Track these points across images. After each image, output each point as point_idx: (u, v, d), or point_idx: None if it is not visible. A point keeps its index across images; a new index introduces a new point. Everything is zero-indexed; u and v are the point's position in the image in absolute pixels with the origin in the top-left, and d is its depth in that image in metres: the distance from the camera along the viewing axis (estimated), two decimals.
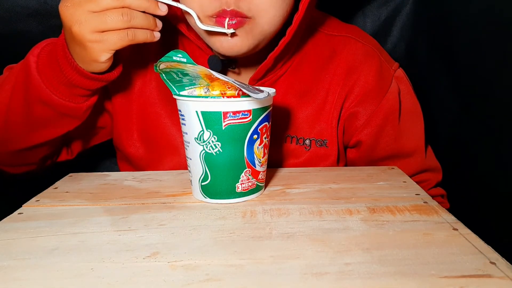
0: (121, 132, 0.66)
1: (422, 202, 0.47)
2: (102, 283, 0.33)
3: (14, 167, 0.65)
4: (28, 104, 0.55)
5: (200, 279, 0.33)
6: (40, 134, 0.59)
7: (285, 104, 0.64)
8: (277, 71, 0.63)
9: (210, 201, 0.49)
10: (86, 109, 0.57)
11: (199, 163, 0.47)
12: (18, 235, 0.41)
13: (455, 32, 0.73)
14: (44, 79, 0.53)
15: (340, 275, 0.33)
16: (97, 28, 0.48)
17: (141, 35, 0.50)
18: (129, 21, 0.48)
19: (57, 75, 0.53)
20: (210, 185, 0.48)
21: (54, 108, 0.55)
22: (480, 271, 0.33)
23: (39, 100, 0.54)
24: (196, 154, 0.47)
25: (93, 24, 0.48)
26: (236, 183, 0.48)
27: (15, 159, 0.63)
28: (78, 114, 0.57)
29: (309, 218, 0.44)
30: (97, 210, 0.47)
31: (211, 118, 0.45)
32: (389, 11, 0.88)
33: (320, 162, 0.65)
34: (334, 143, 0.64)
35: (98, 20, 0.48)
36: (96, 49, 0.49)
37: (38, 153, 0.63)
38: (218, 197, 0.48)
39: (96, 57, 0.50)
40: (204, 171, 0.47)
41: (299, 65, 0.64)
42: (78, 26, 0.48)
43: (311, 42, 0.65)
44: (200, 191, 0.48)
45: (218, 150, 0.46)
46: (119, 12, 0.48)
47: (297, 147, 0.64)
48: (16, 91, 0.55)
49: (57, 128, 0.59)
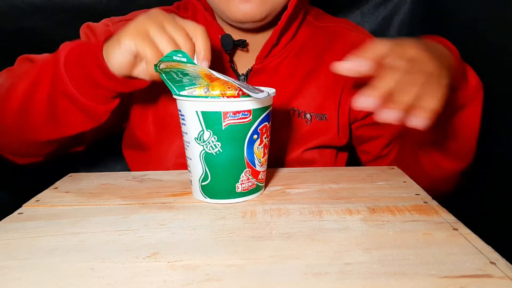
0: (136, 118, 0.68)
1: (422, 202, 0.47)
2: (102, 283, 0.33)
3: (21, 157, 0.66)
4: (52, 95, 0.55)
5: (200, 279, 0.33)
6: (57, 128, 0.59)
7: (288, 83, 0.68)
8: (280, 53, 0.67)
9: (210, 201, 0.49)
10: (105, 112, 0.57)
11: (199, 163, 0.47)
12: (18, 235, 0.41)
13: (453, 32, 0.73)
14: (69, 74, 0.53)
15: (340, 275, 0.33)
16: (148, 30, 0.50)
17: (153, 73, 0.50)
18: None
19: (82, 72, 0.53)
20: (210, 185, 0.48)
21: (75, 103, 0.55)
22: (480, 271, 0.33)
23: (63, 93, 0.55)
24: (196, 154, 0.47)
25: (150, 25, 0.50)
26: (236, 183, 0.47)
27: (25, 149, 0.64)
28: (96, 115, 0.57)
29: (309, 218, 0.44)
30: (97, 210, 0.47)
31: (211, 118, 0.45)
32: (387, 11, 0.88)
33: (321, 135, 0.68)
34: (334, 117, 0.68)
35: (157, 28, 0.50)
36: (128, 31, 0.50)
37: (49, 147, 0.64)
38: (218, 197, 0.48)
39: (121, 37, 0.51)
40: (204, 171, 0.47)
41: (299, 52, 0.69)
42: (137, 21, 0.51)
43: (308, 33, 0.70)
44: (200, 191, 0.48)
45: (218, 150, 0.46)
46: (172, 43, 0.50)
47: (299, 119, 0.68)
48: (41, 81, 0.56)
49: (74, 125, 0.59)
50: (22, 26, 0.78)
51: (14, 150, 0.65)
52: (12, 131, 0.61)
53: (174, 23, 0.51)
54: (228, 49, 0.65)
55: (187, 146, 0.48)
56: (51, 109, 0.56)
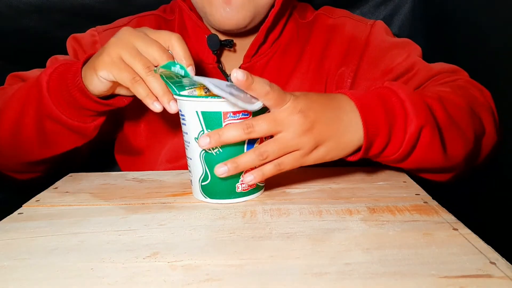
0: (129, 125, 0.68)
1: (422, 202, 0.47)
2: (102, 283, 0.33)
3: (21, 174, 0.66)
4: (39, 119, 0.56)
5: (200, 279, 0.33)
6: (49, 148, 0.60)
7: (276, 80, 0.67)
8: (268, 51, 0.67)
9: (210, 201, 0.49)
10: (94, 129, 0.57)
11: (199, 163, 0.47)
12: (18, 235, 0.41)
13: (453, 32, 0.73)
14: (53, 99, 0.54)
15: (340, 275, 0.33)
16: (123, 56, 0.49)
17: (142, 91, 0.50)
18: (147, 75, 0.49)
19: (65, 96, 0.53)
20: (210, 185, 0.48)
21: (63, 125, 0.56)
22: (480, 271, 0.33)
23: (49, 117, 0.55)
24: (196, 154, 0.47)
25: (125, 50, 0.49)
26: (236, 183, 0.47)
27: (23, 168, 0.65)
28: (86, 133, 0.57)
29: (309, 218, 0.44)
30: (97, 210, 0.47)
31: (211, 118, 0.45)
32: (387, 11, 0.88)
33: None
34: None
35: (131, 53, 0.49)
36: (103, 62, 0.50)
37: (46, 164, 0.64)
38: (218, 197, 0.48)
39: (97, 66, 0.50)
40: (204, 171, 0.47)
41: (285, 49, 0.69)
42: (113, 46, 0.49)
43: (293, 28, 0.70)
44: (200, 191, 0.48)
45: (218, 150, 0.46)
46: (147, 63, 0.49)
47: None
48: (27, 105, 0.56)
49: (66, 144, 0.59)
50: (21, 26, 0.78)
51: (12, 168, 0.65)
52: (6, 153, 0.61)
53: (145, 40, 0.50)
54: (215, 49, 0.65)
55: (187, 146, 0.48)
56: (40, 132, 0.57)
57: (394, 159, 0.50)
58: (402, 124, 0.47)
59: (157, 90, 0.49)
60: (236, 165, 0.44)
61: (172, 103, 0.49)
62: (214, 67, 0.66)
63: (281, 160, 0.45)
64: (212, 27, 0.65)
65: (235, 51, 0.68)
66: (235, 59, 0.68)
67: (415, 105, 0.47)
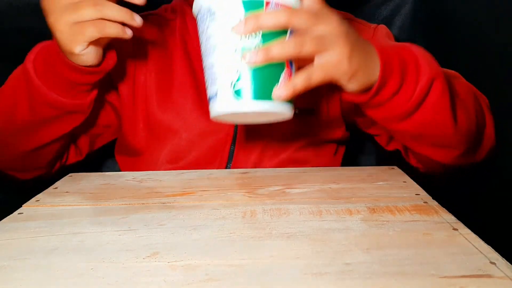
0: (128, 124, 0.68)
1: (422, 202, 0.47)
2: (102, 283, 0.32)
3: (23, 172, 0.66)
4: (33, 107, 0.56)
5: (200, 279, 0.33)
6: (47, 132, 0.59)
7: None
8: None
9: (244, 104, 0.44)
10: (90, 103, 0.58)
11: (233, 62, 0.43)
12: (18, 235, 0.41)
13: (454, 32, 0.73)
14: (45, 82, 0.53)
15: (340, 275, 0.33)
16: (71, 19, 0.48)
17: (112, 29, 0.49)
18: (101, 11, 0.48)
19: (56, 76, 0.53)
20: (245, 86, 0.43)
21: (61, 108, 0.56)
22: (480, 271, 0.33)
23: (45, 103, 0.55)
24: (229, 53, 0.43)
25: (66, 13, 0.48)
26: (275, 83, 0.44)
27: (24, 162, 0.64)
28: (83, 109, 0.57)
29: (309, 218, 0.44)
30: (97, 210, 0.47)
31: (253, 7, 0.43)
32: (388, 11, 0.88)
33: (311, 130, 0.68)
34: (322, 110, 0.68)
35: (72, 9, 0.47)
36: (67, 41, 0.49)
37: (47, 153, 0.64)
38: (256, 98, 0.43)
39: (70, 49, 0.50)
40: (239, 72, 0.43)
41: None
42: (54, 16, 0.48)
43: None
44: (233, 94, 0.44)
45: (258, 43, 0.43)
46: (91, 1, 0.47)
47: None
48: (19, 96, 0.56)
49: (63, 125, 0.59)
50: (21, 26, 0.77)
51: (13, 165, 0.65)
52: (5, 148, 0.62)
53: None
54: None
55: (212, 51, 0.44)
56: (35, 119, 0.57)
57: (404, 111, 0.50)
58: (415, 72, 0.49)
59: (119, 16, 0.49)
60: (268, 51, 0.42)
61: (136, 16, 0.50)
62: None
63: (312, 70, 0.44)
64: None
65: None
66: None
67: (428, 59, 0.50)
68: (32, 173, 0.67)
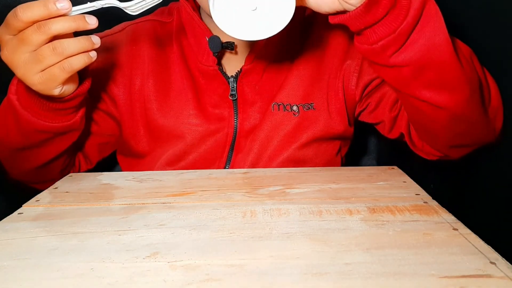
0: (128, 130, 0.69)
1: (422, 202, 0.47)
2: (102, 283, 0.33)
3: (39, 183, 0.67)
4: (25, 135, 0.57)
5: (200, 279, 0.33)
6: (47, 151, 0.61)
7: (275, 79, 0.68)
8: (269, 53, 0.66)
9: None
10: (81, 120, 0.59)
11: None
12: (18, 235, 0.41)
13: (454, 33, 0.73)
14: (31, 112, 0.54)
15: (340, 275, 0.33)
16: (37, 69, 0.48)
17: (78, 62, 0.49)
18: (62, 53, 0.47)
19: (40, 107, 0.54)
20: None
21: (52, 132, 0.57)
22: (480, 271, 0.33)
23: (35, 131, 0.56)
24: None
25: (31, 66, 0.48)
26: None
27: (37, 176, 0.66)
28: (75, 127, 0.59)
29: (309, 218, 0.44)
30: (97, 210, 0.47)
31: None
32: None
33: (311, 126, 0.67)
34: (323, 105, 0.67)
35: (35, 60, 0.47)
36: (44, 88, 0.50)
37: (55, 167, 0.66)
38: None
39: (48, 94, 0.51)
40: None
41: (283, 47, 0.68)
42: (20, 71, 0.48)
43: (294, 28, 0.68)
44: None
45: None
46: (50, 47, 0.47)
47: (285, 113, 0.67)
48: (10, 126, 0.57)
49: (61, 144, 0.61)
50: None
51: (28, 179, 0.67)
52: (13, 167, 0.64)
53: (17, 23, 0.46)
54: (216, 51, 0.64)
55: None
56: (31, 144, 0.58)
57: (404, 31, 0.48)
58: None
59: (80, 49, 0.48)
60: None
61: (94, 38, 0.49)
62: (214, 69, 0.66)
63: None
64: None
65: (236, 53, 0.68)
66: (235, 61, 0.68)
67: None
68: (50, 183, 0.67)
